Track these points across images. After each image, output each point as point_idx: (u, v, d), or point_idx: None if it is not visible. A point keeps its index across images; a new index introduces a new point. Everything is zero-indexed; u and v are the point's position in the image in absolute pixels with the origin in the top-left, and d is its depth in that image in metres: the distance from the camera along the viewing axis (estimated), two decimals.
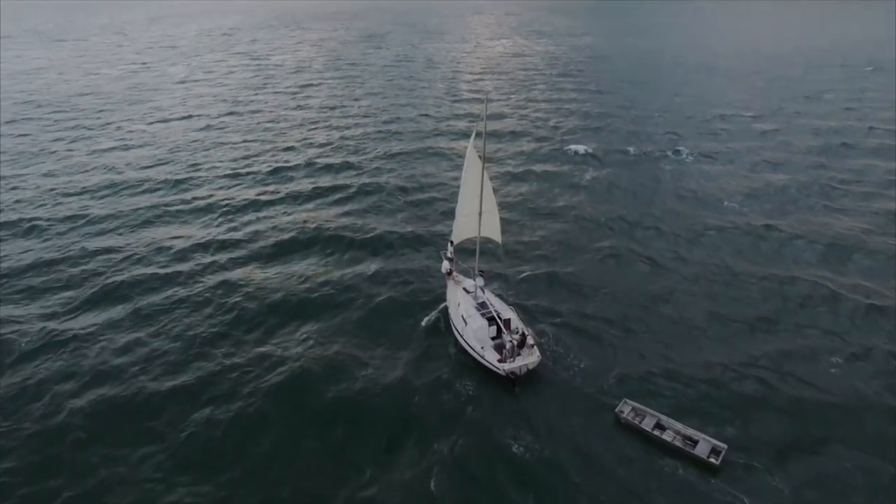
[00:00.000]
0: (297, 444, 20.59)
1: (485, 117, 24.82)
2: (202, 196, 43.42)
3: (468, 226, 26.17)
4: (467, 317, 24.33)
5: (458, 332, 25.04)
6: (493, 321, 23.95)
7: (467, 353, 24.28)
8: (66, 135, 60.69)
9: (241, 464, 19.85)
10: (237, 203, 41.94)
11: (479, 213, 25.38)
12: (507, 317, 24.35)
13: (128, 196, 43.71)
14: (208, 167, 49.87)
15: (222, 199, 42.61)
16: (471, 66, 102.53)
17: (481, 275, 25.93)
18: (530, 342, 23.33)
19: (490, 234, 26.53)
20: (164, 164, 50.68)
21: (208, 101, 75.88)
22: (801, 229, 35.94)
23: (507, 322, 24.07)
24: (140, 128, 62.96)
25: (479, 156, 24.72)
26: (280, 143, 56.76)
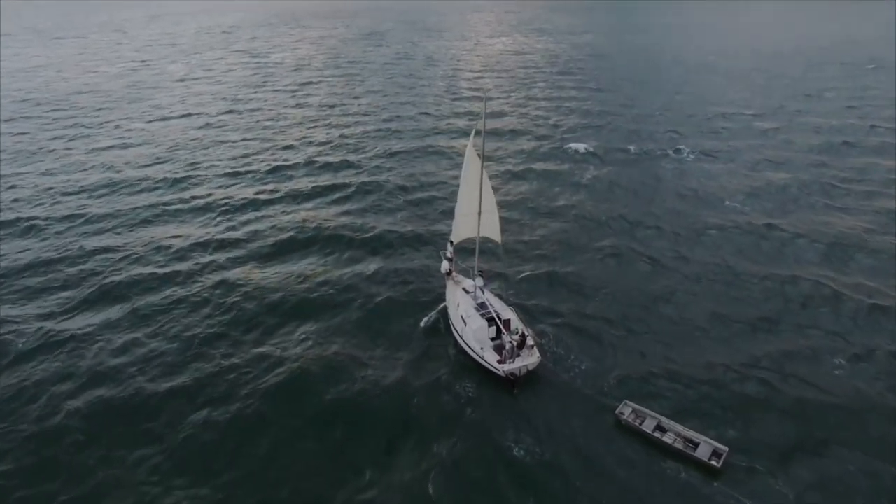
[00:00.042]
0: (295, 446, 20.46)
1: (484, 115, 24.63)
2: (201, 195, 43.24)
3: (467, 225, 25.94)
4: (467, 317, 24.16)
5: (458, 332, 24.86)
6: (493, 322, 23.79)
7: (467, 353, 24.10)
8: (64, 133, 60.50)
9: (239, 465, 19.71)
10: (236, 202, 41.77)
11: (479, 213, 25.19)
12: (506, 317, 24.18)
13: (126, 195, 43.55)
14: (207, 166, 49.67)
15: (221, 198, 42.43)
16: (471, 64, 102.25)
17: (481, 275, 25.76)
18: (530, 343, 23.15)
19: (489, 233, 26.29)
20: (162, 163, 50.50)
21: (207, 99, 75.64)
22: (802, 228, 35.75)
23: (507, 322, 23.90)
24: (139, 126, 62.76)
25: (479, 154, 24.51)
26: (279, 141, 56.54)
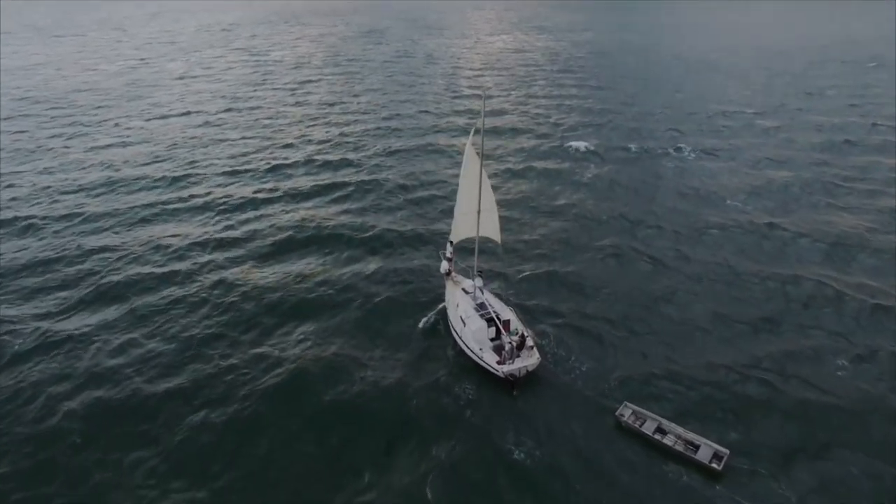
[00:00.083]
0: (293, 448, 20.29)
1: (483, 114, 24.45)
2: (200, 194, 43.04)
3: (467, 224, 25.74)
4: (466, 318, 23.98)
5: (457, 333, 24.69)
6: (492, 322, 23.62)
7: (466, 354, 23.92)
8: (63, 131, 60.26)
9: (237, 467, 19.56)
10: (235, 201, 41.56)
11: (478, 212, 25.00)
12: (506, 318, 24.01)
13: (125, 194, 43.34)
14: (206, 164, 49.46)
15: (220, 197, 42.23)
16: (471, 62, 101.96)
17: (480, 275, 25.59)
18: (530, 343, 22.98)
19: (489, 232, 26.07)
20: (161, 161, 50.29)
21: (207, 97, 75.37)
22: (804, 227, 35.54)
23: (507, 323, 23.73)
24: (138, 124, 62.53)
25: (478, 153, 24.31)
26: (279, 139, 56.31)
